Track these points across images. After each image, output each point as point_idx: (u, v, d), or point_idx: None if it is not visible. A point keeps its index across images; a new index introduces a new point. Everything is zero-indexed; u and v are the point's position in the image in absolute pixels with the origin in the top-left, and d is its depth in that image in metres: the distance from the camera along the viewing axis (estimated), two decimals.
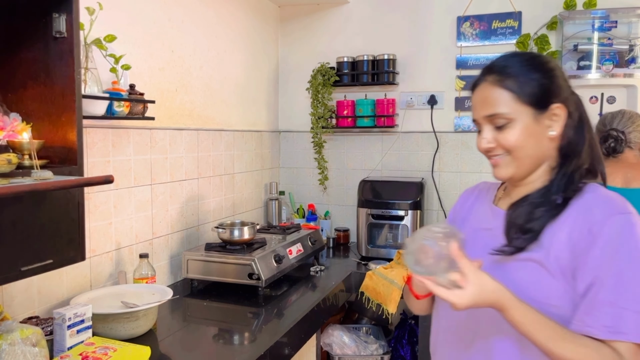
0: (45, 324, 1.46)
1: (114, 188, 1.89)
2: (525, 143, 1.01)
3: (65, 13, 1.24)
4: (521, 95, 1.00)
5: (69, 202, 1.27)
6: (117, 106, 1.74)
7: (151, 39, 2.07)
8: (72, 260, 1.30)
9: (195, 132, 2.38)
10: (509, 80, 1.01)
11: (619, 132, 2.03)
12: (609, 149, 2.06)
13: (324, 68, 3.02)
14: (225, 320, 1.82)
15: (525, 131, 1.01)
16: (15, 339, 1.19)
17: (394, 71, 2.95)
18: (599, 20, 2.47)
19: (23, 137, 1.17)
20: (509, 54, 1.07)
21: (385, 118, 2.96)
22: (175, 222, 2.25)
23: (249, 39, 2.85)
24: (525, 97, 1.00)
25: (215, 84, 2.54)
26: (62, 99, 1.26)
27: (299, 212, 3.16)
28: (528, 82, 1.01)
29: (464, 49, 2.88)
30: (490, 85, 1.03)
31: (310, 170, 3.24)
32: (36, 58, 1.28)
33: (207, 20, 2.44)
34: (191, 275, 2.13)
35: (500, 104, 1.01)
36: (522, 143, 1.01)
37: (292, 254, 2.29)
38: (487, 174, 2.88)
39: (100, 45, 1.69)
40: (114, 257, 1.91)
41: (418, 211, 2.67)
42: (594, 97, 2.56)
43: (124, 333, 1.56)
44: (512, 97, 1.01)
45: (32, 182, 1.03)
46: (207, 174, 2.48)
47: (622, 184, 1.98)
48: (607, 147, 2.06)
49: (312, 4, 3.13)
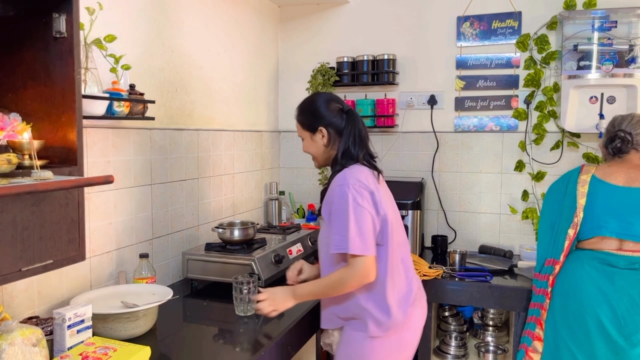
0: (45, 324, 1.47)
1: (114, 188, 1.89)
2: (309, 149, 1.78)
3: (65, 13, 1.24)
4: (303, 124, 1.77)
5: (69, 202, 1.27)
6: (117, 106, 1.74)
7: (151, 39, 2.07)
8: (72, 260, 1.30)
9: (195, 132, 2.38)
10: (299, 117, 1.79)
11: (626, 133, 2.05)
12: (615, 149, 2.07)
13: (324, 68, 3.03)
14: (225, 320, 1.82)
15: (308, 144, 1.78)
16: (15, 339, 1.19)
17: (394, 71, 2.95)
18: (599, 20, 2.47)
19: (23, 137, 1.17)
20: (303, 100, 1.82)
21: (385, 118, 2.96)
22: (175, 222, 2.25)
23: (249, 39, 2.85)
24: (304, 126, 1.77)
25: (215, 84, 2.54)
26: (62, 99, 1.26)
27: (299, 212, 3.16)
28: (303, 118, 1.77)
29: (464, 49, 2.88)
30: (295, 119, 1.81)
31: (310, 170, 3.24)
32: (36, 58, 1.28)
33: (207, 20, 2.44)
34: (191, 275, 2.13)
35: (298, 130, 1.80)
36: (308, 149, 1.79)
37: (292, 254, 2.29)
38: (486, 174, 2.88)
39: (100, 45, 1.69)
40: (114, 257, 1.91)
41: (418, 211, 2.67)
42: (594, 97, 2.56)
43: (124, 333, 1.56)
44: (300, 127, 1.78)
45: (32, 182, 1.03)
46: (207, 174, 2.48)
47: (623, 183, 2.00)
48: (613, 147, 2.07)
49: (312, 4, 3.13)
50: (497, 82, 2.83)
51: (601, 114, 2.52)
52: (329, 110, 1.72)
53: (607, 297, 1.89)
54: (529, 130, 2.78)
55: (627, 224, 1.94)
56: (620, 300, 1.87)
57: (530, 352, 2.07)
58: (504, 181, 2.86)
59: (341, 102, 1.77)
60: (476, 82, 2.87)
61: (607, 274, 1.92)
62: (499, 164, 2.86)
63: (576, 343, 1.93)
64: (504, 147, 2.85)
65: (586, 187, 2.05)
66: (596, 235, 1.99)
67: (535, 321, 2.08)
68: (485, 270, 2.51)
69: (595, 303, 1.90)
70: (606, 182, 2.03)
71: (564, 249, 2.03)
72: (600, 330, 1.88)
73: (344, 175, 1.64)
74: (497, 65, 2.83)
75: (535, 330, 2.08)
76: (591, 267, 1.96)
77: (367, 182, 1.64)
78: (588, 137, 2.67)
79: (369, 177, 1.67)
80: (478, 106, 2.87)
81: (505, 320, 2.88)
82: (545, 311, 2.05)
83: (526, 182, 2.81)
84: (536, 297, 2.10)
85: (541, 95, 2.74)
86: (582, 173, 2.10)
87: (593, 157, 2.64)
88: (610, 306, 1.88)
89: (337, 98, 1.79)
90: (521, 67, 2.78)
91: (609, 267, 1.93)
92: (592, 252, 1.99)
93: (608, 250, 1.96)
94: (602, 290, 1.91)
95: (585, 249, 2.03)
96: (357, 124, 1.72)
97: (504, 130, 2.84)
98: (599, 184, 2.03)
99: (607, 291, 1.90)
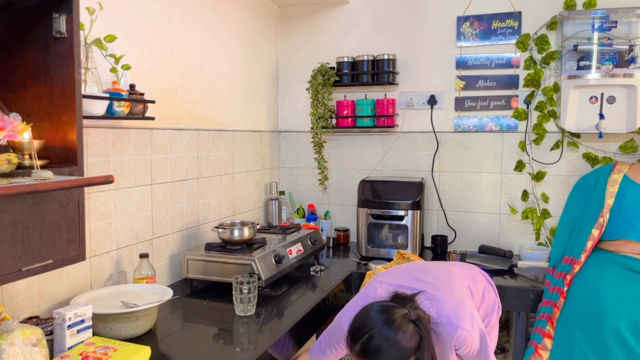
0: (45, 324, 1.47)
1: (114, 188, 1.89)
2: None
3: (65, 13, 1.24)
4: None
5: (69, 202, 1.27)
6: (117, 106, 1.74)
7: (151, 39, 2.07)
8: (72, 260, 1.30)
9: (195, 132, 2.38)
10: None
11: None
12: None
13: (324, 68, 3.03)
14: (225, 320, 1.82)
15: None
16: (15, 339, 1.19)
17: (394, 71, 2.95)
18: (599, 20, 2.47)
19: (23, 137, 1.17)
20: (375, 340, 1.39)
21: (385, 118, 2.96)
22: (175, 222, 2.25)
23: (249, 39, 2.86)
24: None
25: (215, 84, 2.54)
26: (62, 99, 1.26)
27: (299, 212, 3.16)
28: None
29: (464, 49, 2.88)
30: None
31: (310, 170, 3.24)
32: (36, 58, 1.28)
33: (207, 20, 2.44)
34: (191, 275, 2.13)
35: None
36: None
37: (292, 254, 2.29)
38: (486, 174, 2.88)
39: (100, 45, 1.69)
40: (114, 257, 1.91)
41: (418, 211, 2.67)
42: (594, 97, 2.56)
43: (124, 333, 1.56)
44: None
45: (32, 182, 1.03)
46: (207, 174, 2.48)
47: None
48: None
49: (312, 4, 3.13)
50: (497, 82, 2.83)
51: (601, 114, 2.52)
52: (412, 348, 1.40)
53: (628, 304, 1.83)
54: (529, 130, 2.78)
55: None
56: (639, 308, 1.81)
57: (540, 349, 2.02)
58: (504, 181, 2.86)
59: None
60: (476, 82, 2.87)
61: (629, 280, 1.86)
62: (499, 164, 2.86)
63: (590, 347, 1.87)
64: (504, 147, 2.85)
65: (616, 187, 1.97)
66: (622, 238, 1.92)
67: (547, 319, 2.03)
68: (485, 270, 2.51)
69: (614, 310, 1.83)
70: (637, 184, 1.95)
71: (586, 249, 1.95)
72: (618, 338, 1.81)
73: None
74: (497, 65, 2.83)
75: (546, 328, 2.03)
76: (612, 272, 1.89)
77: None
78: (588, 137, 2.67)
79: None
80: (478, 106, 2.87)
81: (505, 320, 2.88)
82: (559, 310, 1.99)
83: (526, 182, 2.81)
84: (549, 294, 2.03)
85: (541, 95, 2.74)
86: (613, 172, 2.01)
87: (593, 157, 2.63)
88: (631, 314, 1.81)
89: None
90: (521, 67, 2.78)
91: (632, 273, 1.87)
92: (615, 256, 1.92)
93: (631, 255, 1.89)
94: (623, 297, 1.84)
95: (608, 250, 1.95)
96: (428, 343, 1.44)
97: (504, 130, 2.84)
98: (630, 185, 1.95)
99: (628, 299, 1.83)
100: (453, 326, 1.52)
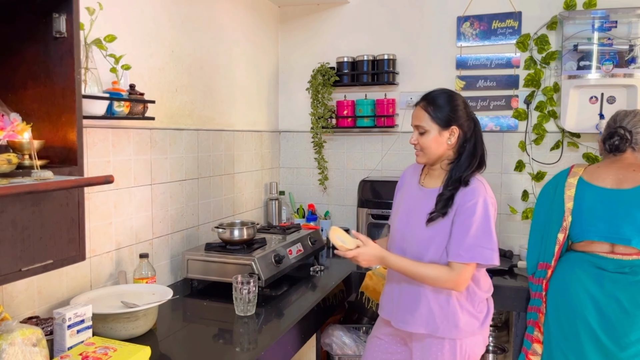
0: (45, 324, 1.47)
1: (114, 188, 1.89)
2: (431, 145, 1.71)
3: (65, 13, 1.24)
4: (434, 117, 1.69)
5: (69, 202, 1.27)
6: (117, 106, 1.74)
7: (151, 39, 2.07)
8: (72, 260, 1.30)
9: (195, 132, 2.38)
10: (429, 107, 1.70)
11: (626, 131, 1.98)
12: (612, 146, 2.01)
13: (324, 68, 3.03)
14: (225, 320, 1.82)
15: (433, 139, 1.70)
16: (15, 339, 1.19)
17: (394, 71, 2.95)
18: (599, 20, 2.47)
19: (23, 137, 1.17)
20: (438, 91, 1.74)
21: (385, 118, 2.96)
22: (175, 222, 2.25)
23: (249, 39, 2.85)
24: (436, 119, 1.69)
25: (215, 84, 2.54)
26: (62, 99, 1.26)
27: (299, 212, 3.16)
28: (440, 110, 1.69)
29: (464, 49, 2.88)
30: (421, 107, 1.73)
31: (310, 170, 3.24)
32: (36, 58, 1.28)
33: (207, 20, 2.44)
34: (191, 275, 2.13)
35: (422, 120, 1.71)
36: (429, 145, 1.71)
37: (292, 254, 2.29)
38: (486, 174, 2.86)
39: (100, 45, 1.69)
40: (114, 257, 1.91)
41: None
42: (594, 97, 2.56)
43: (124, 333, 1.56)
44: (429, 117, 1.69)
45: (32, 182, 1.03)
46: (207, 174, 2.48)
47: (612, 185, 1.96)
48: (610, 145, 2.01)
49: (312, 4, 3.13)
50: (497, 82, 2.83)
51: (601, 114, 2.52)
52: (466, 113, 1.72)
53: (596, 300, 1.88)
54: (529, 130, 2.78)
55: (616, 227, 1.91)
56: (608, 304, 1.86)
57: (531, 354, 2.07)
58: (504, 181, 2.86)
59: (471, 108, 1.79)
60: (476, 82, 2.87)
61: (596, 277, 1.91)
62: (499, 164, 2.86)
63: (569, 346, 1.92)
64: (504, 147, 2.85)
65: (573, 191, 2.02)
66: (585, 239, 1.97)
67: (534, 324, 2.08)
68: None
69: (584, 307, 1.89)
70: (593, 185, 1.99)
71: (555, 254, 2.02)
72: (590, 334, 1.87)
73: (485, 189, 1.71)
74: (497, 65, 2.83)
75: (533, 333, 2.08)
76: (582, 270, 1.94)
77: (494, 201, 1.73)
78: (588, 137, 2.67)
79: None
80: (478, 106, 2.87)
81: (505, 320, 2.88)
82: (543, 315, 2.04)
83: (526, 182, 2.81)
84: (533, 300, 2.10)
85: (541, 95, 2.74)
86: (569, 175, 2.06)
87: (593, 157, 2.63)
88: (599, 310, 1.87)
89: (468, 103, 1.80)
90: (521, 67, 2.78)
91: (599, 270, 1.91)
92: (584, 255, 1.97)
93: (599, 253, 1.94)
94: (591, 293, 1.89)
95: (578, 251, 2.01)
96: (481, 133, 1.76)
97: (504, 130, 2.84)
98: (586, 187, 2.00)
99: (596, 295, 1.89)
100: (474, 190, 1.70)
